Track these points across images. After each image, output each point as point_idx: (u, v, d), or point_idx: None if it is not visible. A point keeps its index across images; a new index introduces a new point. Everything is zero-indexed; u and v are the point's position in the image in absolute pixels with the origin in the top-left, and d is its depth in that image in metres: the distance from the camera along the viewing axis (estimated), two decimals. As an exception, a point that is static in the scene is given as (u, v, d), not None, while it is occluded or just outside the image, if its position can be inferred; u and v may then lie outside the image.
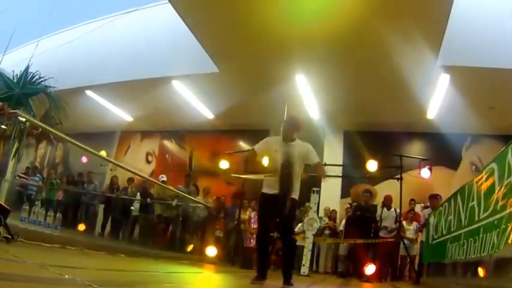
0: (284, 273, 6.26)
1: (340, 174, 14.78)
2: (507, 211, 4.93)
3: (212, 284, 6.23)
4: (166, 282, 5.37)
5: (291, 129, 6.67)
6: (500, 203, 5.22)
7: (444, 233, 8.65)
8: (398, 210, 12.30)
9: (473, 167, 15.05)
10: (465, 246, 6.52)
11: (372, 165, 12.64)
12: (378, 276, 11.41)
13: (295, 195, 6.40)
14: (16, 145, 10.65)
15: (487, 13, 11.72)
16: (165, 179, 14.85)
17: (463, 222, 7.08)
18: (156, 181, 14.32)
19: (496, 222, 5.21)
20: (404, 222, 12.64)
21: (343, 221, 13.84)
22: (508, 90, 12.22)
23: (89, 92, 16.73)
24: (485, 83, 12.33)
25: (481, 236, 5.74)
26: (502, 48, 11.30)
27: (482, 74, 11.81)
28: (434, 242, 9.74)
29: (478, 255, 5.74)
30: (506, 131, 13.13)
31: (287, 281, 6.13)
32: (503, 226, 4.88)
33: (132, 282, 4.51)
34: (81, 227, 13.57)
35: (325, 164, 13.89)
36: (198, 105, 16.49)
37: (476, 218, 6.20)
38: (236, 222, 13.66)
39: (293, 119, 7.01)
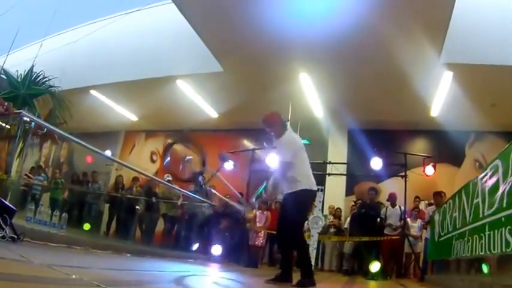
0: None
1: (345, 172, 14.81)
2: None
3: (218, 282, 6.22)
4: (173, 282, 5.30)
5: (271, 127, 6.79)
6: (505, 200, 5.17)
7: (450, 230, 8.62)
8: (402, 208, 12.35)
9: (477, 163, 15.03)
10: (470, 243, 6.49)
11: (376, 163, 12.69)
12: (383, 274, 11.44)
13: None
14: (21, 145, 10.69)
15: (489, 10, 11.71)
16: (170, 178, 14.87)
17: (467, 219, 7.05)
18: (161, 180, 14.33)
19: (503, 219, 5.15)
20: (408, 220, 12.64)
21: (348, 219, 13.89)
22: (510, 87, 12.23)
23: (93, 92, 16.83)
24: (488, 80, 12.34)
25: (487, 233, 5.69)
26: (504, 45, 11.30)
27: (485, 71, 11.83)
28: (440, 239, 9.72)
29: (488, 252, 5.67)
30: (509, 128, 13.16)
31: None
32: None
33: (139, 282, 4.51)
34: (87, 226, 13.61)
35: (330, 162, 13.95)
36: (202, 104, 16.58)
37: (481, 215, 6.17)
38: (241, 221, 13.68)
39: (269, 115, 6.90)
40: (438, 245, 9.99)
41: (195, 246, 13.67)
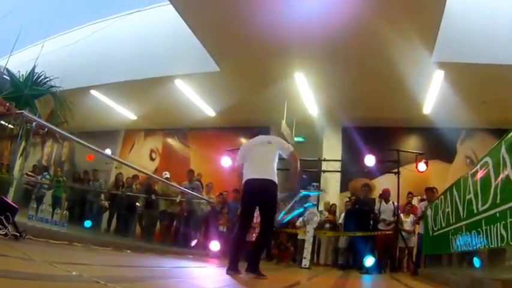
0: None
1: (339, 169, 14.98)
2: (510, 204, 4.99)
3: (218, 277, 6.37)
4: (173, 278, 5.47)
5: None
6: (499, 196, 5.31)
7: (443, 225, 8.80)
8: (396, 203, 12.56)
9: (468, 160, 15.25)
10: (469, 238, 6.61)
11: (369, 160, 12.85)
12: (377, 268, 11.64)
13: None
14: (23, 144, 10.90)
15: (479, 10, 11.93)
16: (168, 175, 15.04)
17: (461, 215, 7.21)
18: (159, 178, 14.51)
19: (498, 215, 5.29)
20: (401, 215, 12.87)
21: (343, 215, 14.06)
22: (500, 85, 12.50)
23: (93, 92, 16.96)
24: (478, 79, 12.57)
25: (484, 228, 5.83)
26: (494, 45, 11.52)
27: (475, 69, 12.05)
28: (434, 234, 9.90)
29: (486, 247, 5.83)
30: (499, 125, 13.21)
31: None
32: (510, 219, 4.91)
33: (139, 278, 4.62)
34: (88, 223, 13.76)
35: (324, 160, 14.15)
36: (200, 103, 16.75)
37: (476, 211, 6.30)
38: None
39: None
40: (433, 240, 10.14)
41: (194, 243, 13.87)
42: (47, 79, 14.28)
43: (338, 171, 15.06)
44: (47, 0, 16.38)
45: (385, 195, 12.95)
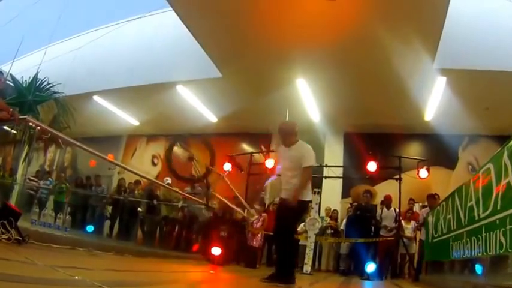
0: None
1: (341, 175, 14.97)
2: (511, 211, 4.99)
3: (219, 282, 6.36)
4: (175, 282, 5.52)
5: (284, 135, 6.98)
6: (500, 203, 5.31)
7: (445, 231, 8.77)
8: (397, 210, 12.54)
9: (470, 166, 15.25)
10: (469, 245, 6.61)
11: (371, 166, 12.85)
12: (379, 274, 11.64)
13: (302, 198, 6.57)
14: (26, 149, 10.95)
15: (481, 17, 11.90)
16: (170, 181, 15.05)
17: (463, 221, 7.19)
18: (162, 183, 14.52)
19: (498, 222, 5.30)
20: (403, 221, 12.86)
21: (344, 221, 14.06)
22: (503, 91, 12.47)
23: (96, 97, 16.97)
24: (480, 85, 12.54)
25: (483, 235, 5.84)
26: (496, 51, 11.49)
27: (477, 76, 12.04)
28: (435, 240, 9.89)
29: (485, 253, 5.83)
30: (501, 132, 13.22)
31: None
32: (510, 226, 4.92)
33: (140, 283, 4.68)
34: (90, 228, 13.76)
35: (326, 166, 14.13)
36: (202, 109, 16.76)
37: (477, 217, 6.29)
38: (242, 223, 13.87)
39: (285, 124, 7.21)
40: (433, 246, 10.12)
41: (196, 247, 13.87)
42: (50, 85, 14.34)
43: (340, 177, 15.02)
44: (49, 6, 16.39)
45: (386, 202, 12.92)
